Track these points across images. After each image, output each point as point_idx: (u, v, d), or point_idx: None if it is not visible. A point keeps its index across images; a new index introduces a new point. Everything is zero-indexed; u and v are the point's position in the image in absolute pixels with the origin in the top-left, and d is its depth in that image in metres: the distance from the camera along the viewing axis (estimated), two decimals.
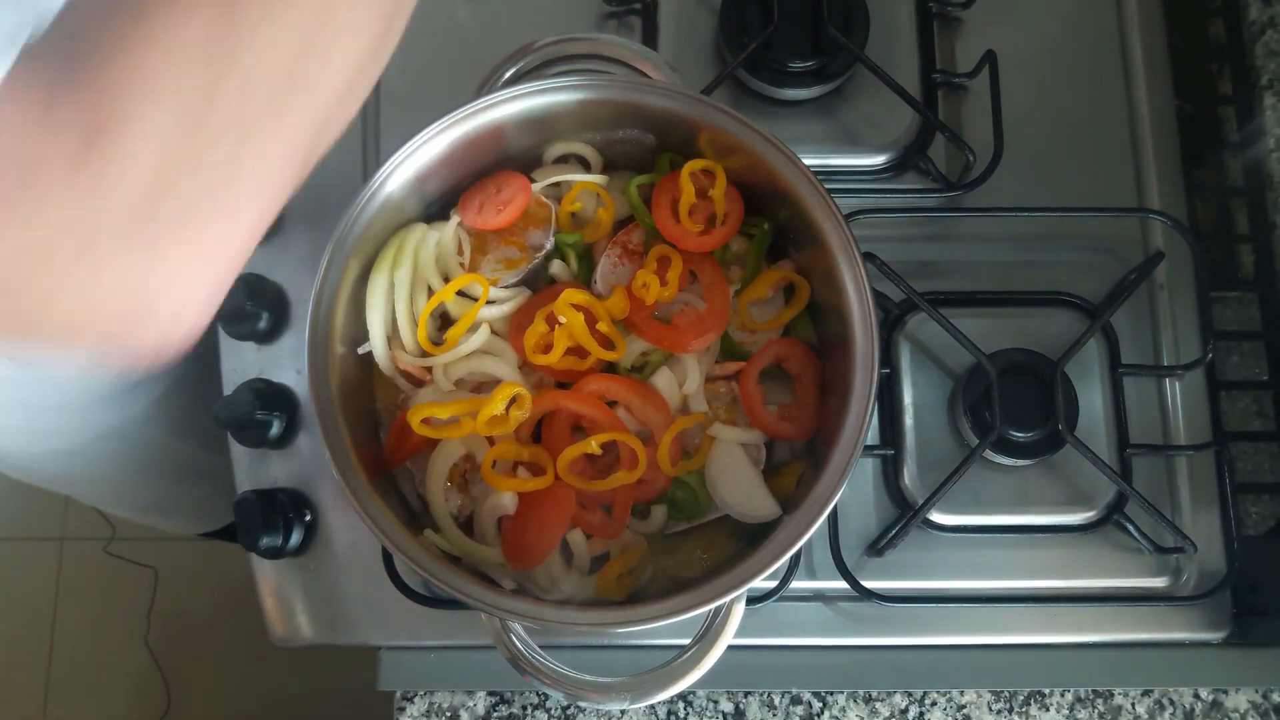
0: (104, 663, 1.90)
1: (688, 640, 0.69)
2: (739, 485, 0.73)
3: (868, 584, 0.80)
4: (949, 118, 0.91)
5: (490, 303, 0.74)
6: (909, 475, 0.84)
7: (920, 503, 0.80)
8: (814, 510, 0.67)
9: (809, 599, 0.83)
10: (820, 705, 0.83)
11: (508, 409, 0.71)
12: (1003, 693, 0.83)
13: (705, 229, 0.76)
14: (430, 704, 0.83)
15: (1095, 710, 0.83)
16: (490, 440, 0.73)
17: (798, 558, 0.81)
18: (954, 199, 0.88)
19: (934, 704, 0.83)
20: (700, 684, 0.69)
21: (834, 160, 0.90)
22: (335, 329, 0.70)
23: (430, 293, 0.75)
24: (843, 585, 0.80)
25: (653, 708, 0.83)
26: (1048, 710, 0.83)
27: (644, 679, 0.67)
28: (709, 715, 0.83)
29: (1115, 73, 0.93)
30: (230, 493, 0.86)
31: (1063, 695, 0.83)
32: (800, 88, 0.89)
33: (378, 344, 0.74)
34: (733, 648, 0.68)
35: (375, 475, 0.71)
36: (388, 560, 0.81)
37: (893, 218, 0.88)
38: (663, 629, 0.67)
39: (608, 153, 0.79)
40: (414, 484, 0.75)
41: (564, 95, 0.73)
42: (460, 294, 0.75)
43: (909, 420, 0.85)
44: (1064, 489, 0.83)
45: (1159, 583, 0.83)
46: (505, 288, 0.76)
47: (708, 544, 0.75)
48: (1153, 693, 0.83)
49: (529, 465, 0.73)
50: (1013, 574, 0.83)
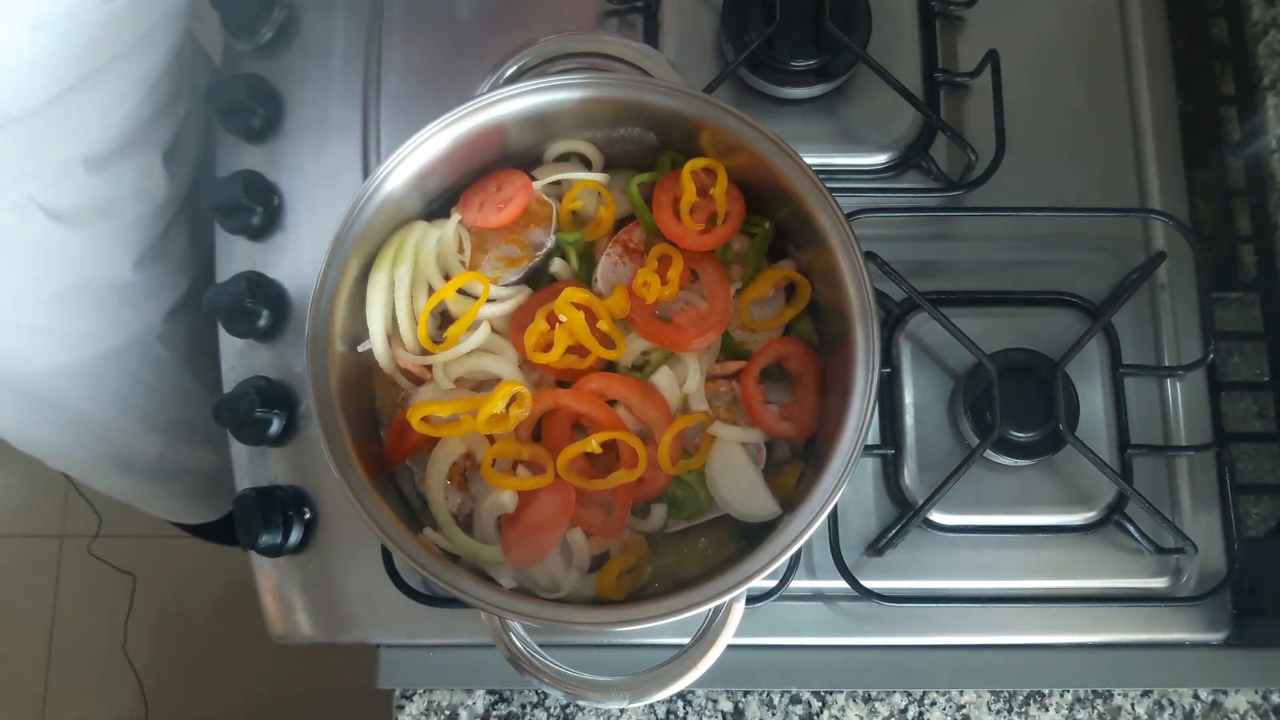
0: (104, 660, 1.90)
1: (687, 639, 0.69)
2: (739, 484, 0.73)
3: (867, 583, 0.80)
4: (951, 117, 0.91)
5: (491, 301, 0.74)
6: (909, 475, 0.83)
7: (920, 502, 0.80)
8: (814, 510, 0.67)
9: (809, 598, 0.83)
10: (820, 705, 0.83)
11: (508, 407, 0.71)
12: (1002, 693, 0.83)
13: (706, 228, 0.76)
14: (429, 702, 0.83)
15: (1095, 711, 0.83)
16: (490, 438, 0.73)
17: (797, 557, 0.81)
18: (956, 198, 0.88)
19: (933, 704, 0.83)
20: (700, 683, 0.69)
21: (835, 159, 0.90)
22: (335, 327, 0.70)
23: (431, 291, 0.75)
24: (842, 585, 0.80)
25: (652, 707, 0.83)
26: (1047, 710, 0.83)
27: (643, 678, 0.67)
28: (708, 714, 0.83)
29: (1117, 72, 0.92)
30: (227, 480, 0.86)
31: (1062, 695, 0.83)
32: (802, 86, 0.89)
33: (378, 342, 0.74)
34: (732, 647, 0.68)
35: (375, 473, 0.71)
36: (387, 558, 0.81)
37: (894, 217, 0.88)
38: (662, 628, 0.67)
39: (609, 151, 0.79)
40: (414, 482, 0.75)
41: (565, 93, 0.72)
42: (461, 292, 0.75)
43: (909, 420, 0.84)
44: (1064, 489, 0.83)
45: (1159, 583, 0.83)
46: (506, 286, 0.76)
47: (707, 543, 0.75)
48: (1152, 693, 0.83)
49: (529, 464, 0.73)
50: (1013, 574, 0.83)
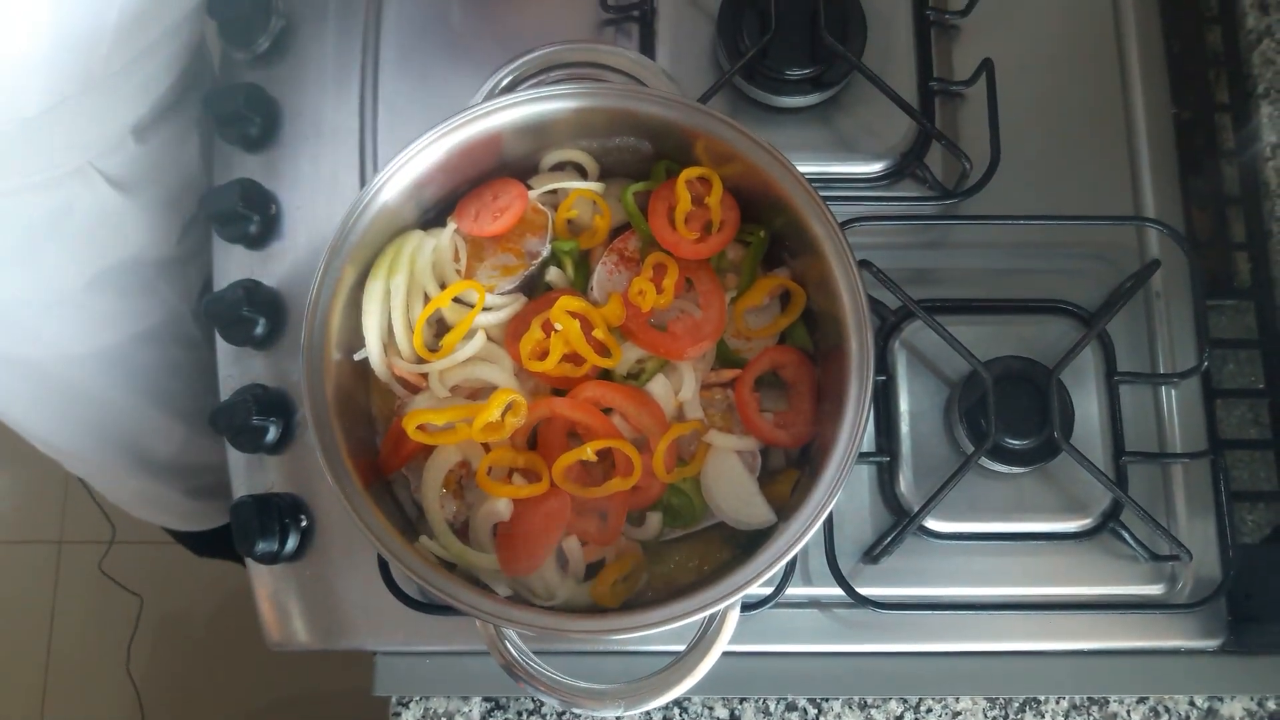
0: (102, 666, 1.90)
1: (683, 647, 0.69)
2: (734, 492, 0.73)
3: (863, 591, 0.80)
4: (946, 126, 0.91)
5: (486, 309, 0.75)
6: (905, 482, 0.84)
7: (916, 510, 0.80)
8: (809, 517, 0.67)
9: (804, 606, 0.83)
10: (815, 712, 0.83)
11: (503, 415, 0.72)
12: (998, 700, 0.83)
13: (701, 236, 0.76)
14: (426, 710, 0.83)
15: (1090, 717, 0.83)
16: (486, 447, 0.73)
17: (793, 564, 0.81)
18: (951, 207, 0.88)
19: (929, 711, 0.83)
20: (696, 690, 0.69)
21: (831, 168, 0.90)
22: (331, 335, 0.70)
23: (426, 299, 0.75)
24: (838, 592, 0.80)
25: (648, 714, 0.83)
26: (1043, 717, 0.83)
27: (639, 685, 0.67)
28: None
29: (1112, 80, 0.93)
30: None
31: (1058, 703, 0.83)
32: (797, 95, 0.89)
33: (374, 350, 0.74)
34: (728, 654, 0.68)
35: (371, 481, 0.71)
36: (383, 566, 0.81)
37: (889, 225, 0.88)
38: (658, 635, 0.67)
39: (604, 160, 0.79)
40: (410, 490, 0.76)
41: (560, 103, 0.73)
42: (456, 300, 0.75)
43: (905, 427, 0.85)
44: (1059, 496, 0.83)
45: (1154, 590, 0.83)
46: (501, 294, 0.76)
47: (703, 551, 0.75)
48: (1148, 700, 0.83)
49: (524, 472, 0.73)
50: (1008, 581, 0.83)
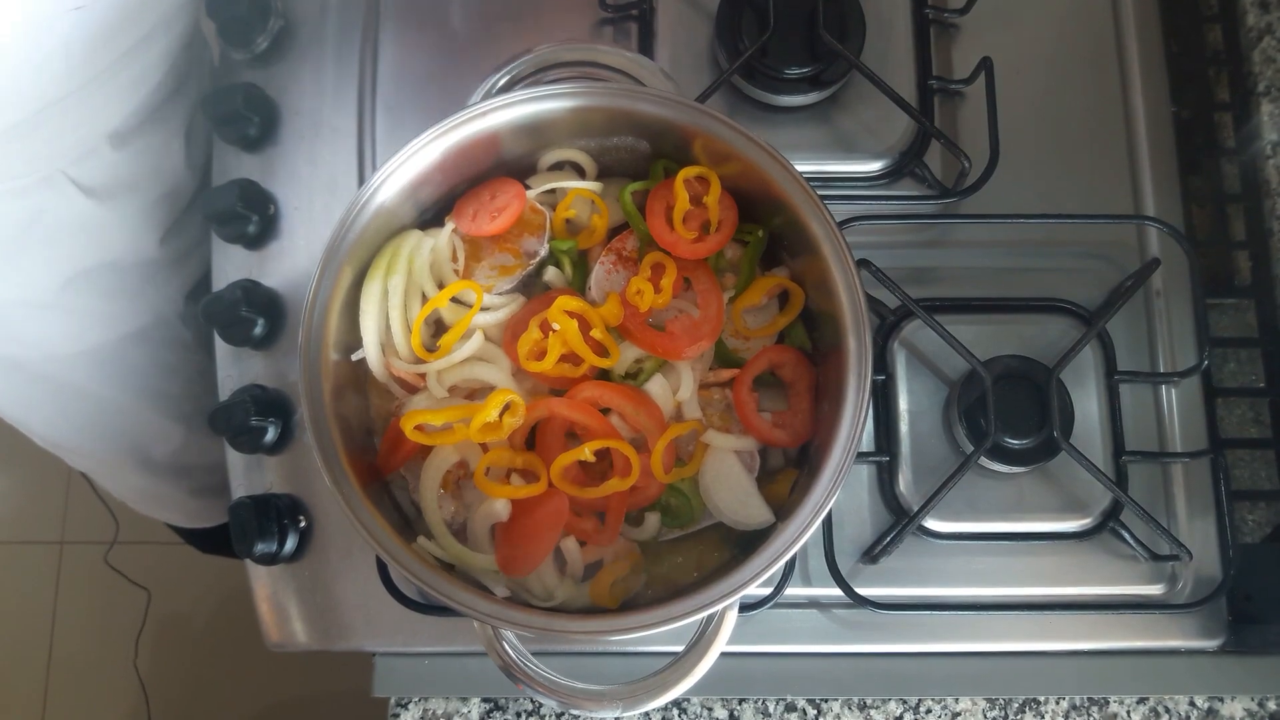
0: (102, 666, 1.90)
1: (681, 647, 0.69)
2: (732, 492, 0.73)
3: (862, 591, 0.80)
4: (945, 124, 0.91)
5: (484, 309, 0.75)
6: (904, 482, 0.83)
7: (915, 509, 0.80)
8: (807, 517, 0.67)
9: (804, 606, 0.83)
10: (815, 712, 0.83)
11: (501, 416, 0.71)
12: (997, 700, 0.83)
13: (699, 236, 0.76)
14: (425, 710, 0.83)
15: (1091, 718, 0.83)
16: (484, 447, 0.73)
17: (792, 564, 0.81)
18: (950, 205, 0.88)
19: (929, 711, 0.83)
20: (694, 691, 0.69)
21: (830, 166, 0.90)
22: (329, 335, 0.70)
23: (424, 299, 0.75)
24: (837, 592, 0.80)
25: (647, 715, 0.83)
26: (1043, 718, 0.82)
27: (637, 686, 0.67)
28: None
29: (1112, 79, 0.92)
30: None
31: (1058, 703, 0.83)
32: (796, 94, 0.89)
33: (372, 350, 0.74)
34: (727, 655, 0.68)
35: (369, 482, 0.71)
36: (382, 567, 0.81)
37: (888, 224, 0.88)
38: (656, 636, 0.67)
39: (602, 160, 0.79)
40: (408, 490, 0.75)
41: (558, 102, 0.73)
42: (454, 300, 0.75)
43: (904, 427, 0.84)
44: (1059, 496, 0.83)
45: (1154, 590, 0.83)
46: (499, 294, 0.76)
47: (701, 551, 0.75)
48: (1148, 700, 0.83)
49: (522, 472, 0.73)
50: (1008, 581, 0.83)
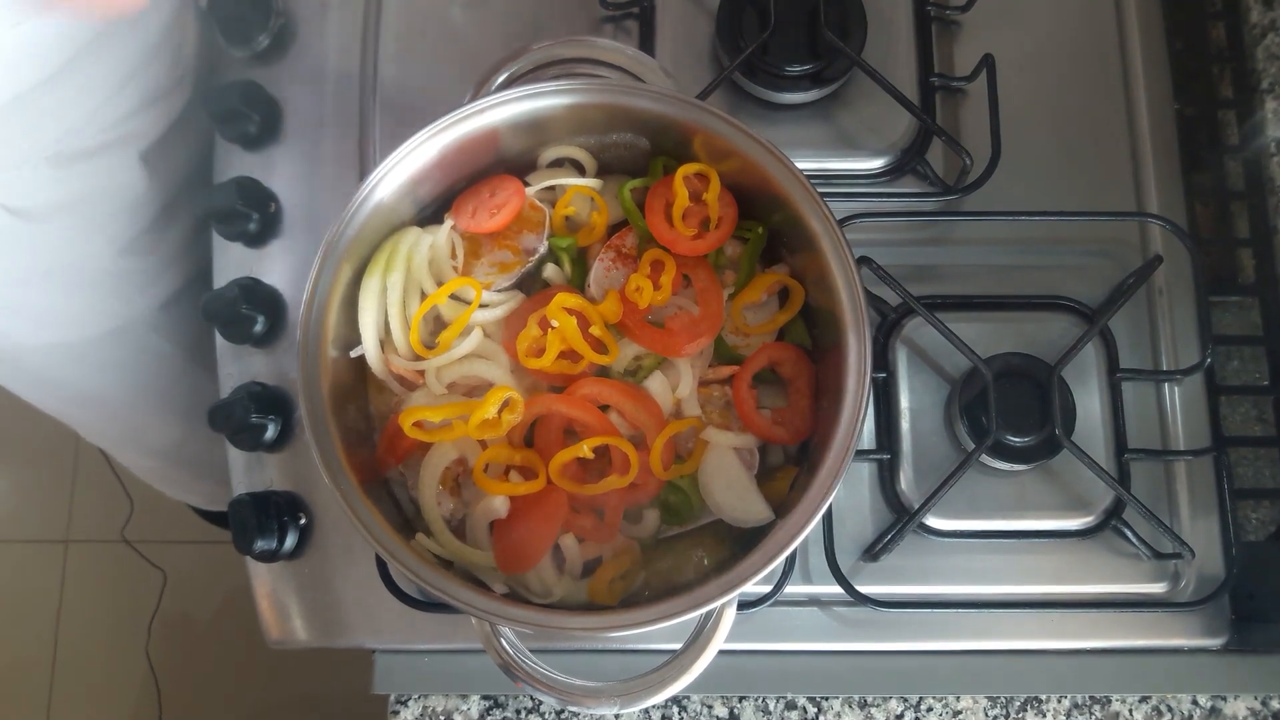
0: (108, 664, 1.90)
1: (680, 645, 0.69)
2: (731, 489, 0.73)
3: (863, 589, 0.80)
4: (947, 121, 0.91)
5: (483, 306, 0.74)
6: (905, 480, 0.83)
7: (916, 507, 0.80)
8: (806, 514, 0.67)
9: (804, 604, 0.83)
10: (815, 710, 0.82)
11: (500, 412, 0.71)
12: (999, 699, 0.82)
13: (699, 233, 0.76)
14: (424, 708, 0.83)
15: (1093, 716, 0.82)
16: (483, 444, 0.73)
17: (792, 562, 0.81)
18: (951, 203, 0.88)
19: (930, 710, 0.82)
20: (695, 688, 0.69)
21: (831, 164, 0.90)
22: (327, 332, 0.70)
23: (423, 296, 0.75)
24: (838, 590, 0.80)
25: (647, 712, 0.83)
26: (1044, 717, 0.82)
27: (635, 683, 0.67)
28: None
29: (1114, 76, 0.92)
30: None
31: (1060, 701, 0.82)
32: (797, 92, 0.89)
33: (370, 347, 0.74)
34: (727, 652, 0.68)
35: (368, 479, 0.71)
36: (382, 564, 0.81)
37: (890, 221, 0.88)
38: (655, 633, 0.66)
39: (602, 156, 0.79)
40: (407, 487, 0.75)
41: (557, 99, 0.73)
42: (453, 297, 0.75)
43: (905, 425, 0.84)
44: (1061, 494, 0.83)
45: (1157, 588, 0.83)
46: (498, 291, 0.76)
47: (700, 548, 0.75)
48: (1151, 699, 0.83)
49: (521, 469, 0.73)
50: (1009, 579, 0.83)
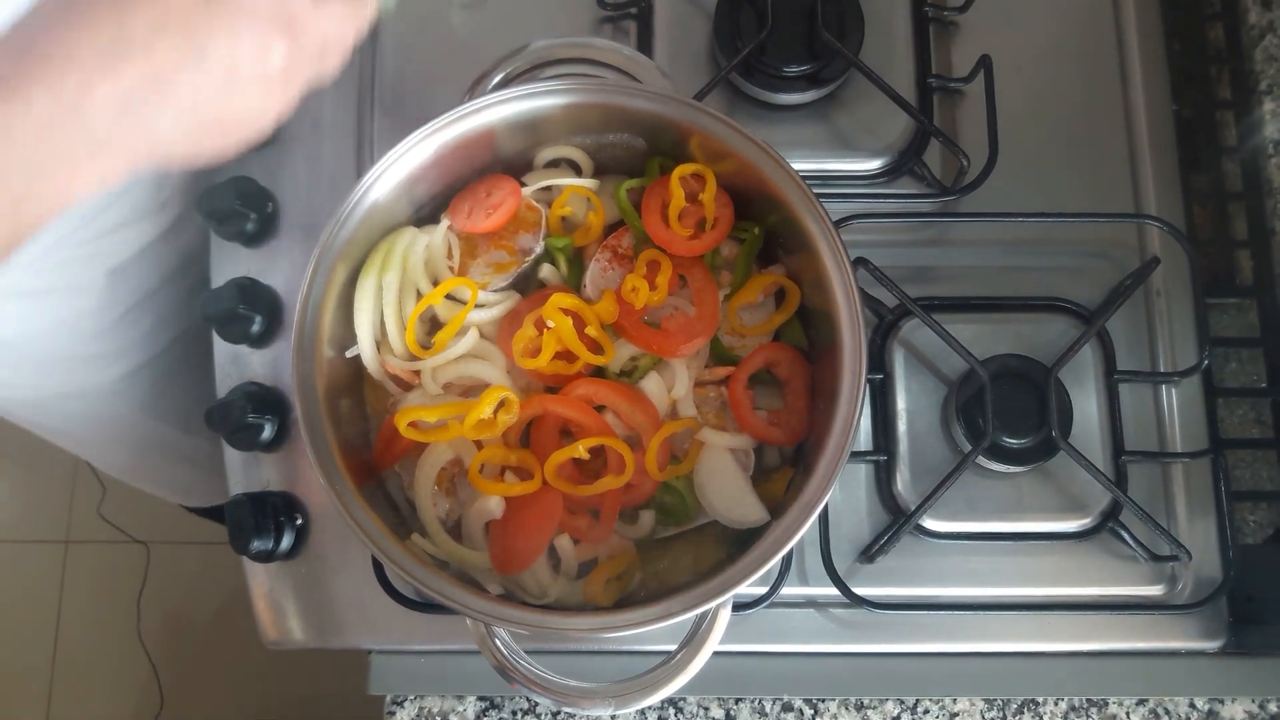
0: (108, 664, 1.90)
1: (675, 646, 0.68)
2: (727, 490, 0.73)
3: (859, 590, 0.80)
4: (944, 122, 0.91)
5: (479, 306, 0.74)
6: (901, 481, 0.83)
7: (913, 509, 0.80)
8: (802, 516, 0.67)
9: (800, 605, 0.83)
10: (811, 712, 0.82)
11: (496, 413, 0.71)
12: (995, 701, 0.82)
13: (695, 233, 0.76)
14: (420, 708, 0.82)
15: (1089, 719, 0.82)
16: (478, 444, 0.73)
17: (788, 563, 0.80)
18: (949, 204, 0.88)
19: (926, 712, 0.82)
20: (691, 690, 0.69)
21: (828, 165, 0.90)
22: (323, 333, 0.70)
23: (419, 296, 0.75)
24: (834, 592, 0.80)
25: (642, 713, 0.82)
26: (1041, 719, 0.82)
27: (630, 685, 0.67)
28: None
29: (1112, 77, 0.92)
30: (215, 474, 0.86)
31: (1056, 704, 0.82)
32: (794, 92, 0.89)
33: (366, 347, 0.74)
34: (723, 654, 0.68)
35: (363, 479, 0.71)
36: (378, 564, 0.81)
37: (887, 222, 0.88)
38: (650, 634, 0.66)
39: (598, 157, 0.79)
40: (402, 487, 0.75)
41: (553, 99, 0.73)
42: (449, 298, 0.75)
43: (902, 426, 0.84)
44: (1058, 496, 0.83)
45: (1154, 591, 0.83)
46: (494, 291, 0.76)
47: (696, 549, 0.75)
48: (1148, 702, 0.82)
49: (517, 469, 0.73)
50: (1006, 581, 0.82)
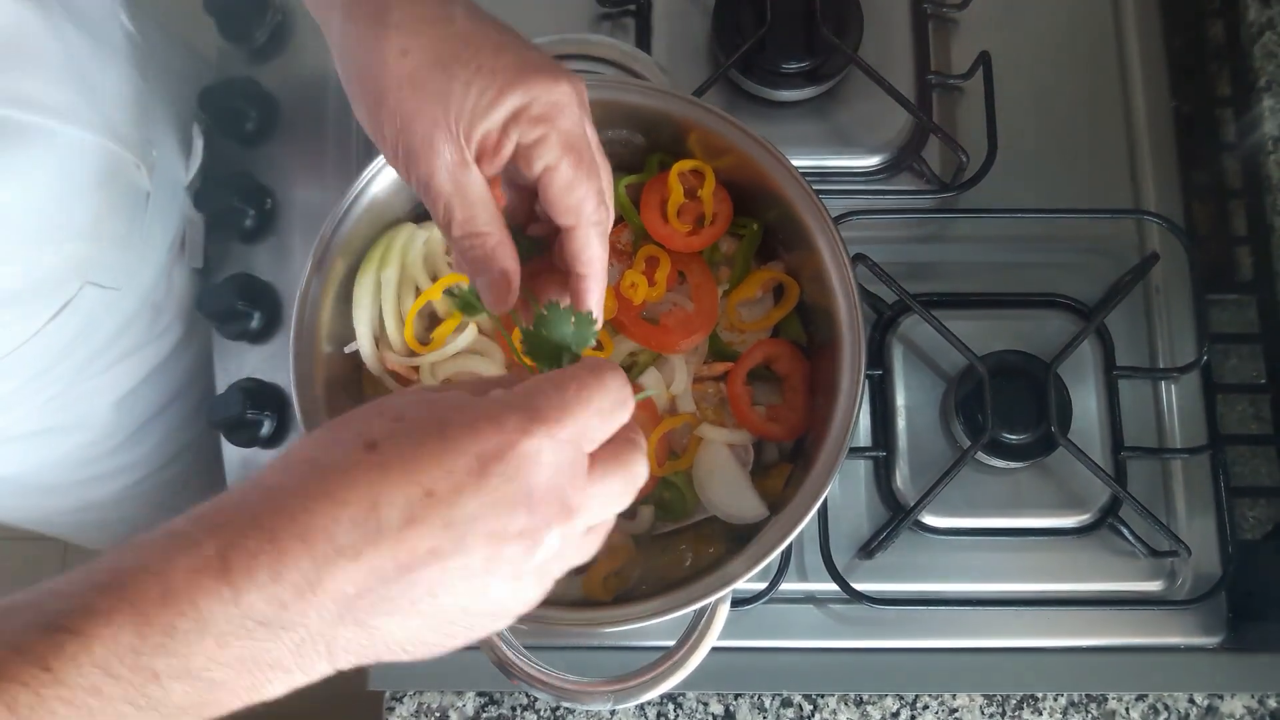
0: None
1: (674, 641, 0.68)
2: (726, 486, 0.73)
3: (858, 586, 0.80)
4: (943, 119, 0.91)
5: None
6: (901, 477, 0.83)
7: (912, 504, 0.80)
8: (801, 511, 0.67)
9: (800, 601, 0.83)
10: (811, 708, 0.82)
11: None
12: (995, 696, 0.82)
13: (694, 229, 0.76)
14: (419, 704, 0.83)
15: (1089, 715, 0.82)
16: None
17: (787, 559, 0.80)
18: (948, 200, 0.88)
19: (925, 707, 0.82)
20: (690, 685, 0.69)
21: (828, 161, 0.90)
22: (321, 328, 0.70)
23: (418, 292, 0.75)
24: (833, 587, 0.80)
25: (642, 708, 0.83)
26: (1040, 715, 0.82)
27: (628, 680, 0.67)
28: (699, 717, 0.82)
29: (1112, 73, 0.92)
30: None
31: (1055, 699, 0.82)
32: (794, 89, 0.89)
33: (365, 343, 0.74)
34: (722, 649, 0.68)
35: None
36: None
37: (886, 219, 0.88)
38: (650, 630, 0.67)
39: None
40: None
41: None
42: (448, 293, 0.75)
43: (901, 422, 0.84)
44: (1057, 492, 0.83)
45: (1153, 587, 0.83)
46: None
47: (695, 545, 0.75)
48: (1147, 698, 0.82)
49: None
50: (1005, 577, 0.82)
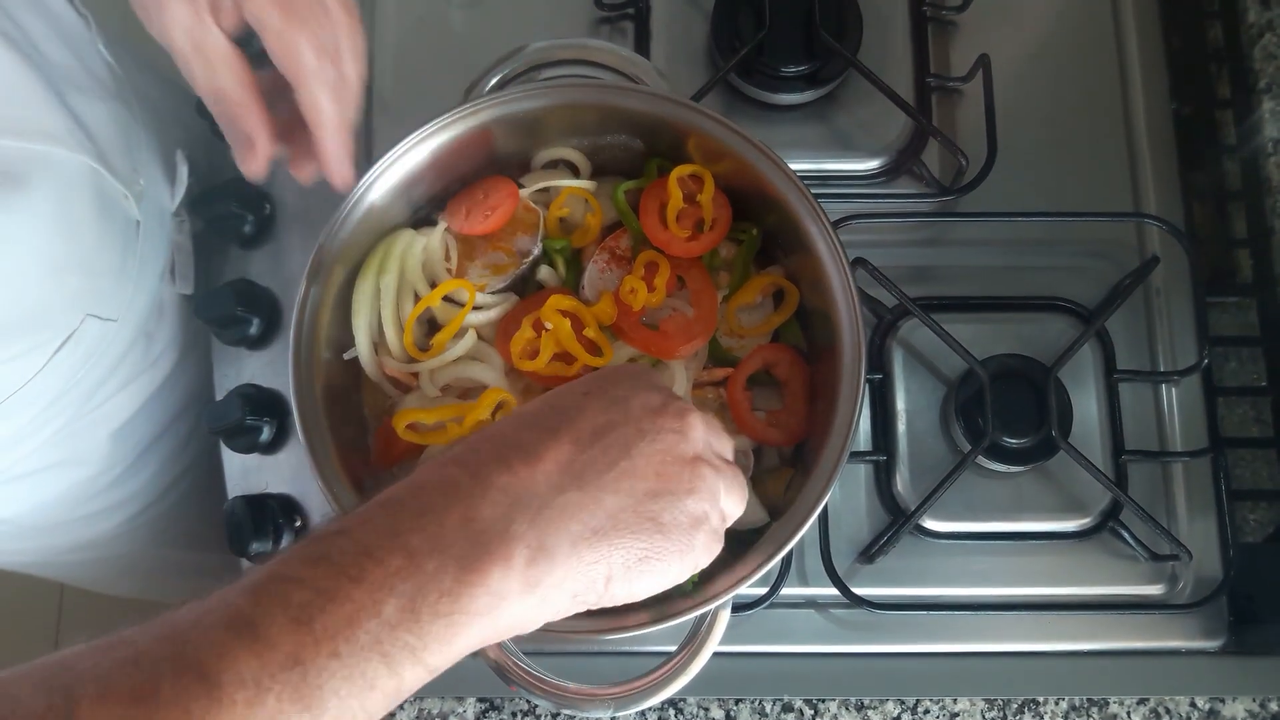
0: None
1: (675, 647, 0.68)
2: None
3: (859, 591, 0.80)
4: (943, 122, 0.91)
5: (477, 308, 0.74)
6: (901, 481, 0.83)
7: (913, 509, 0.80)
8: (801, 516, 0.67)
9: (800, 606, 0.82)
10: (812, 713, 0.82)
11: (494, 415, 0.71)
12: (996, 701, 0.82)
13: (693, 234, 0.76)
14: (420, 710, 0.82)
15: (1090, 719, 0.82)
16: None
17: (788, 564, 0.80)
18: (947, 203, 0.88)
19: (927, 712, 0.82)
20: (691, 691, 0.68)
21: (827, 165, 0.90)
22: (320, 335, 0.70)
23: (417, 298, 0.75)
24: (834, 592, 0.80)
25: (643, 714, 0.82)
26: (1042, 719, 0.82)
27: (630, 686, 0.66)
28: None
29: (1111, 76, 0.92)
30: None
31: (1057, 704, 0.82)
32: (793, 92, 0.89)
33: (364, 349, 0.74)
34: (724, 655, 0.68)
35: (362, 481, 0.71)
36: None
37: (886, 222, 0.87)
38: (650, 636, 0.66)
39: (596, 158, 0.79)
40: None
41: (550, 100, 0.73)
42: (447, 299, 0.75)
43: (901, 426, 0.84)
44: (1058, 496, 0.83)
45: (1155, 590, 0.82)
46: (492, 293, 0.76)
47: None
48: (1149, 701, 0.82)
49: None
50: (1006, 581, 0.82)
